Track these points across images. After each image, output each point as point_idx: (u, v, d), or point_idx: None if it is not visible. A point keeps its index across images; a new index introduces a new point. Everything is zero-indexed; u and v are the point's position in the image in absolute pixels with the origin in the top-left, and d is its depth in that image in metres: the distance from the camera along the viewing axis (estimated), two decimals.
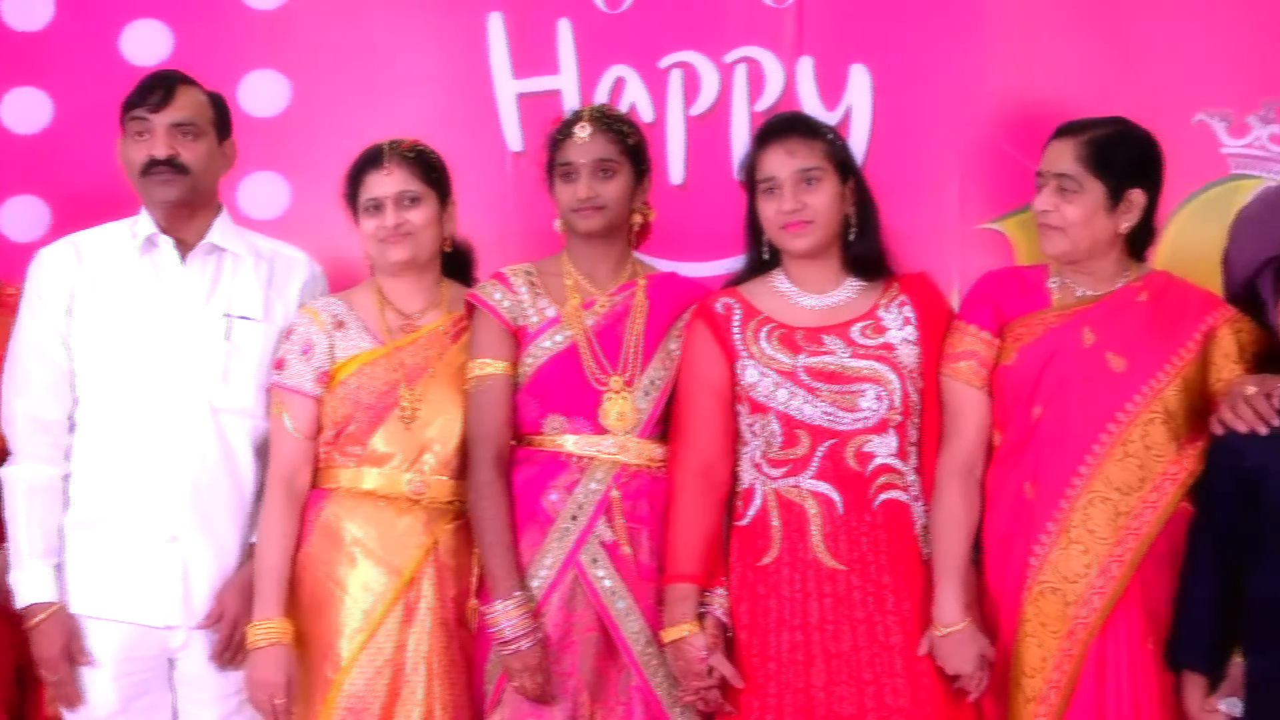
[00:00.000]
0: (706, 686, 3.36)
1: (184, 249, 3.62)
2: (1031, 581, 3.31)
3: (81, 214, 3.90)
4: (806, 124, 3.52)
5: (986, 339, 3.42)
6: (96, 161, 4.20)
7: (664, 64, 4.29)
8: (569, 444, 3.47)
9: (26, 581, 3.51)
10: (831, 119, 4.06)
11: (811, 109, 4.14)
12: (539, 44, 4.33)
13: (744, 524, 3.43)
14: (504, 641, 3.37)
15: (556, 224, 3.58)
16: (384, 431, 3.51)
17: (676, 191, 4.24)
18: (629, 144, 3.55)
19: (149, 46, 4.44)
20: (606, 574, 3.42)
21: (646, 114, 4.26)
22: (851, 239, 3.46)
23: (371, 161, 3.57)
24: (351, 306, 3.60)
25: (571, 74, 4.32)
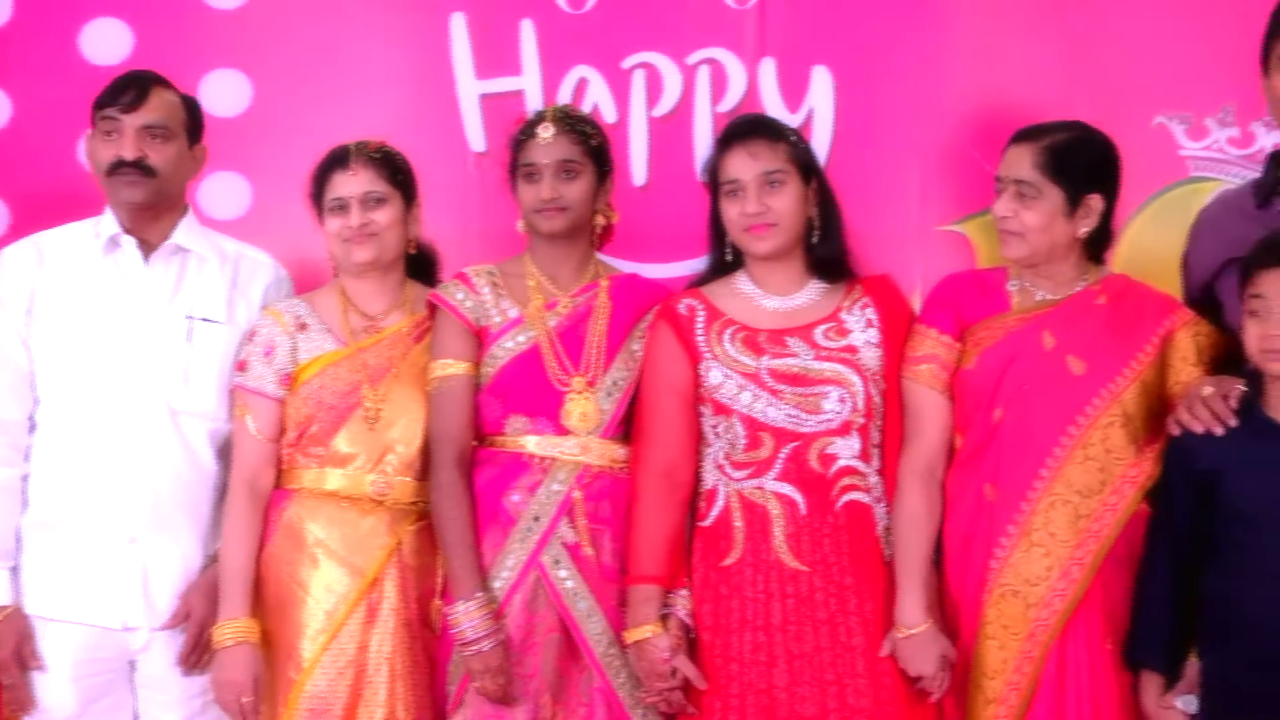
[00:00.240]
0: (669, 688, 3.36)
1: (147, 250, 3.60)
2: (993, 584, 3.32)
3: (42, 214, 3.88)
4: (770, 126, 3.52)
5: (947, 343, 3.43)
6: (57, 161, 4.20)
7: (627, 65, 4.29)
8: (531, 445, 3.47)
9: None
10: (794, 120, 4.08)
11: (774, 110, 4.15)
12: (502, 44, 4.31)
13: (707, 525, 3.43)
14: (466, 642, 3.37)
15: (519, 225, 3.58)
16: (347, 432, 3.50)
17: (639, 193, 4.23)
18: (592, 145, 3.55)
19: (109, 45, 4.40)
20: (569, 575, 3.42)
21: (609, 115, 4.25)
22: (815, 241, 3.46)
23: (338, 162, 3.56)
24: (314, 308, 3.59)
25: (534, 75, 4.31)
